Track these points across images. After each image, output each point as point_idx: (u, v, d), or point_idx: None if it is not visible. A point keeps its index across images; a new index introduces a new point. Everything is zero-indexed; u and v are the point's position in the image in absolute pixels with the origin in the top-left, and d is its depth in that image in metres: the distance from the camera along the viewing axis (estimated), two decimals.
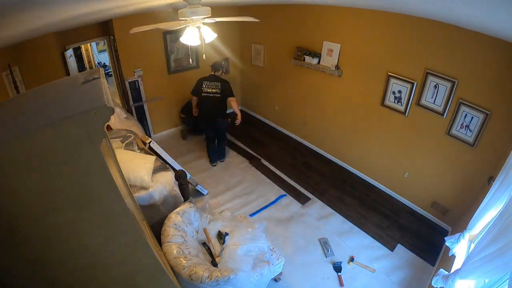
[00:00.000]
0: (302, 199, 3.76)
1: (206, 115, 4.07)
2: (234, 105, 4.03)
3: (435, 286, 2.01)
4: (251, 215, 3.46)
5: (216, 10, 2.83)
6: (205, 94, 3.89)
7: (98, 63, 7.53)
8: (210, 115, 4.05)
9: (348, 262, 2.90)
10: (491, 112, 2.58)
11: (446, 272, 1.98)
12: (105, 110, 0.87)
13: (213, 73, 3.93)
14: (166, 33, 4.50)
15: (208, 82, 3.89)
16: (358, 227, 3.35)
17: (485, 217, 2.05)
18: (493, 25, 1.86)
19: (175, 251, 1.98)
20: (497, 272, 1.53)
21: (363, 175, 4.19)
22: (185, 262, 1.92)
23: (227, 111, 4.21)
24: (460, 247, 2.27)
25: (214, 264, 2.18)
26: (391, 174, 3.80)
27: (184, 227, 2.23)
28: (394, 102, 3.40)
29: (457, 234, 2.30)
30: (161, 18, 3.95)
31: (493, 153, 2.65)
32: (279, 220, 3.42)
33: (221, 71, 3.99)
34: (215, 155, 4.43)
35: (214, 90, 3.88)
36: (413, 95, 3.18)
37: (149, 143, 3.19)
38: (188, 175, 3.39)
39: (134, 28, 2.33)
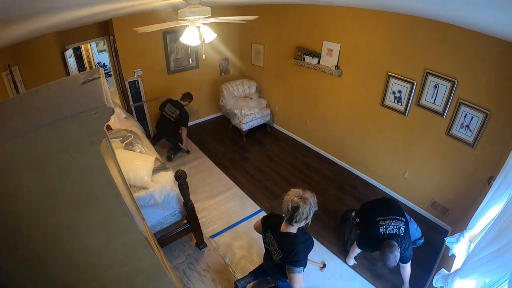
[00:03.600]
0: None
1: (161, 132, 4.64)
2: (183, 133, 4.53)
3: (435, 286, 2.01)
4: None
5: (216, 10, 2.83)
6: (164, 114, 4.46)
7: (98, 63, 7.53)
8: (164, 133, 4.62)
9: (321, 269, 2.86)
10: (491, 112, 2.58)
11: (447, 272, 1.98)
12: (105, 110, 0.87)
13: (180, 100, 4.50)
14: (166, 33, 4.50)
15: (171, 106, 4.42)
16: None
17: (485, 217, 2.05)
18: (493, 25, 1.86)
19: None
20: (497, 272, 1.53)
21: (363, 175, 4.19)
22: None
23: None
24: (460, 247, 2.27)
25: None
26: (391, 174, 3.80)
27: None
28: (394, 102, 3.40)
29: (457, 234, 2.30)
30: (161, 18, 3.95)
31: (493, 153, 2.65)
32: None
33: (188, 102, 4.58)
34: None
35: (171, 115, 4.42)
36: (413, 95, 3.18)
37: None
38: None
39: (141, 28, 2.27)
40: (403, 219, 2.44)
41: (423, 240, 2.82)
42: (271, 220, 2.08)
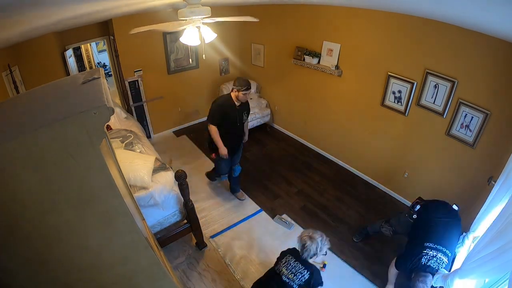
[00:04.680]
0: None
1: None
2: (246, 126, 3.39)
3: (435, 286, 2.01)
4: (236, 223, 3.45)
5: (216, 10, 2.83)
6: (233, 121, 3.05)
7: (98, 63, 7.53)
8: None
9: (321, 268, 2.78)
10: (491, 112, 2.58)
11: (446, 272, 1.98)
12: (105, 110, 0.87)
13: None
14: (166, 33, 4.50)
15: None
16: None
17: (488, 218, 2.04)
18: (493, 25, 1.86)
19: None
20: (497, 272, 1.53)
21: (363, 175, 4.19)
22: None
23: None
24: (464, 249, 2.25)
25: None
26: (391, 174, 3.80)
27: None
28: (394, 102, 3.40)
29: (461, 236, 2.29)
30: (161, 18, 3.95)
31: (493, 153, 2.65)
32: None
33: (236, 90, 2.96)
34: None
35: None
36: (413, 95, 3.18)
37: None
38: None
39: (134, 29, 2.32)
40: (450, 253, 2.12)
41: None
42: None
